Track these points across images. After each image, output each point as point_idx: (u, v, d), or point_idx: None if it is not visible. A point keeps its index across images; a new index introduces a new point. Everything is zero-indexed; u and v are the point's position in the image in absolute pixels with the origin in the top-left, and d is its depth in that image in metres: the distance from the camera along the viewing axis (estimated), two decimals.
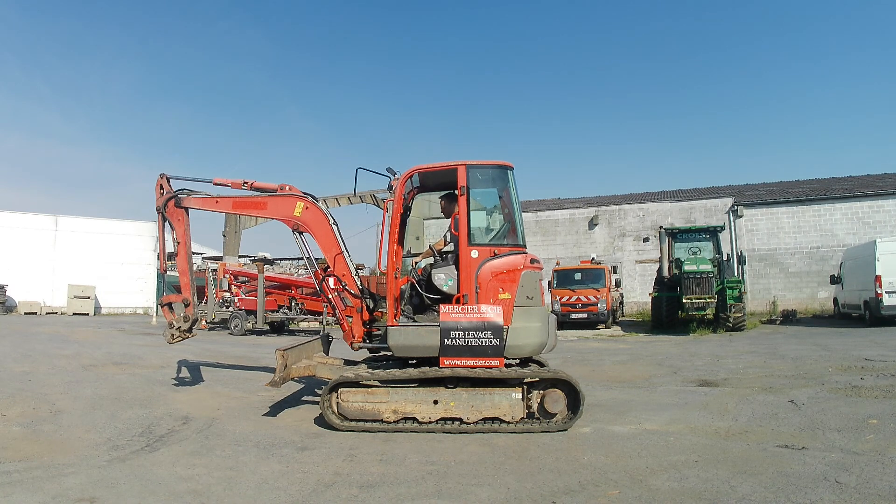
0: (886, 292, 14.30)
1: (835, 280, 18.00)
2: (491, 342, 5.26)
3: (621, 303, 22.25)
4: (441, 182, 6.33)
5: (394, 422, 5.30)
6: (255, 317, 18.62)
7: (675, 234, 17.73)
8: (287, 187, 6.60)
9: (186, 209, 7.17)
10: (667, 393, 6.97)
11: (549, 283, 18.93)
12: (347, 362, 6.47)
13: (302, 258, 6.74)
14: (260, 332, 18.79)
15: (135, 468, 4.23)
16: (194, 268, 7.94)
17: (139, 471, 4.16)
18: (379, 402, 5.35)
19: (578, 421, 5.48)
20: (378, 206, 29.62)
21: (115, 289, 33.42)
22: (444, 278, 5.67)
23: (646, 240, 24.62)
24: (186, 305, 7.23)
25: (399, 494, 3.67)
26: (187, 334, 7.32)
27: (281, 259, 39.60)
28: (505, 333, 5.28)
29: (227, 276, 21.06)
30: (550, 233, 25.82)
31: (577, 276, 18.70)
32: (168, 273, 8.39)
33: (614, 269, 23.08)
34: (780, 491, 3.52)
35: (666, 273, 16.40)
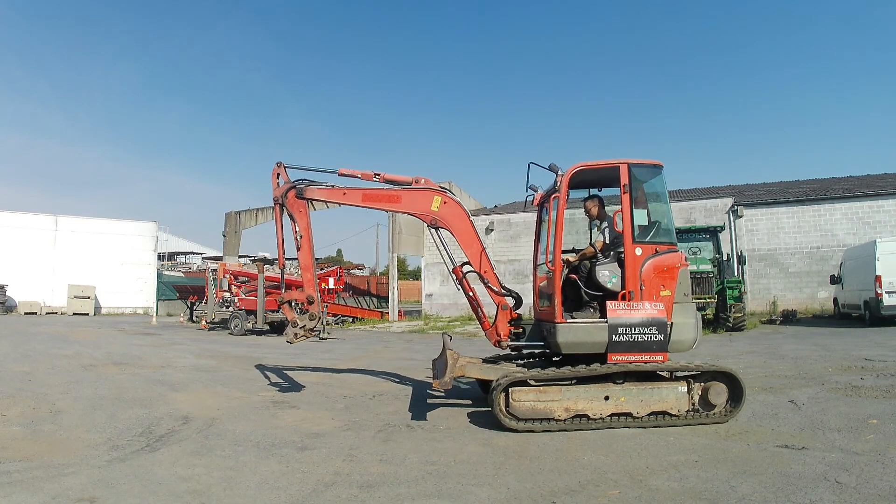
0: (886, 292, 14.28)
1: (835, 280, 17.98)
2: (656, 338, 5.32)
3: None
4: (596, 179, 6.31)
5: (566, 419, 5.24)
6: (255, 317, 18.62)
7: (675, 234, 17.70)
8: (423, 180, 6.40)
9: (308, 200, 6.83)
10: None
11: None
12: (485, 360, 6.44)
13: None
14: (260, 332, 18.80)
15: (135, 468, 4.23)
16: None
17: (139, 471, 4.16)
18: (551, 401, 5.27)
19: None
20: None
21: (115, 289, 33.42)
22: (608, 275, 5.68)
23: None
24: (311, 303, 6.78)
25: (399, 494, 3.67)
26: (312, 333, 6.94)
27: None
28: (669, 329, 5.36)
29: (227, 276, 21.06)
30: None
31: None
32: (166, 273, 8.34)
33: None
34: (780, 491, 3.52)
35: None
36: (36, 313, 30.07)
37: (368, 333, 19.37)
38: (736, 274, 18.31)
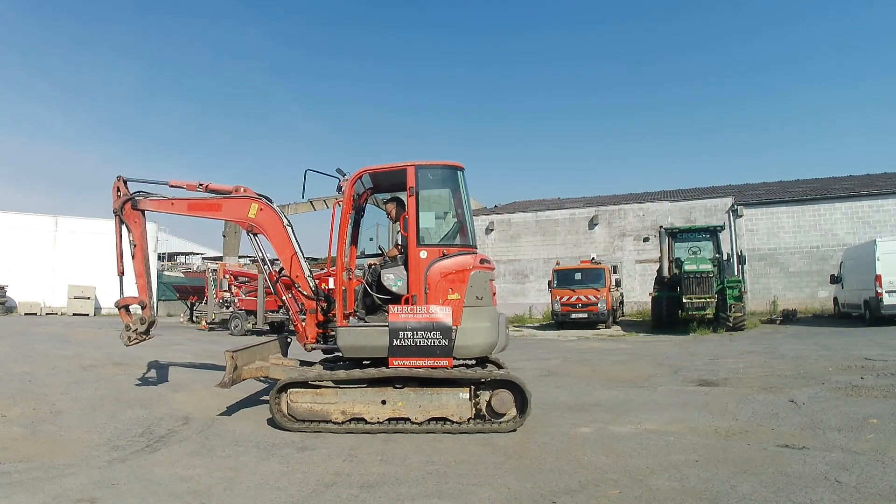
0: (886, 292, 14.28)
1: (835, 280, 17.98)
2: (440, 342, 5.27)
3: (621, 303, 22.24)
4: (393, 183, 6.27)
5: (342, 422, 5.29)
6: (255, 317, 18.61)
7: (675, 234, 17.72)
8: (242, 189, 6.62)
9: (143, 211, 7.21)
10: (667, 393, 6.97)
11: (550, 282, 18.98)
12: (303, 363, 6.45)
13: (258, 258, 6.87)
14: (260, 333, 18.77)
15: (135, 468, 4.23)
16: (154, 268, 7.99)
17: (139, 471, 4.16)
18: (328, 403, 5.35)
19: (579, 420, 5.49)
20: None
21: (116, 289, 33.25)
22: (393, 279, 5.68)
23: (646, 240, 24.59)
24: (143, 308, 7.27)
25: (399, 494, 3.67)
26: (144, 336, 7.27)
27: None
28: (454, 334, 5.29)
29: (227, 276, 21.06)
30: (550, 233, 25.79)
31: (577, 275, 18.69)
32: (166, 273, 8.38)
33: (614, 269, 23.04)
34: (780, 490, 3.52)
35: (666, 273, 16.39)
36: (36, 314, 30.03)
37: None
38: (736, 274, 18.30)
